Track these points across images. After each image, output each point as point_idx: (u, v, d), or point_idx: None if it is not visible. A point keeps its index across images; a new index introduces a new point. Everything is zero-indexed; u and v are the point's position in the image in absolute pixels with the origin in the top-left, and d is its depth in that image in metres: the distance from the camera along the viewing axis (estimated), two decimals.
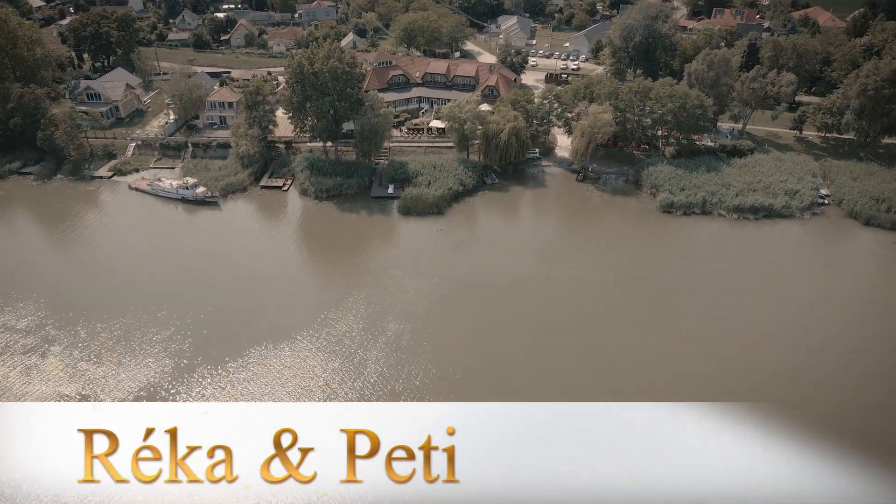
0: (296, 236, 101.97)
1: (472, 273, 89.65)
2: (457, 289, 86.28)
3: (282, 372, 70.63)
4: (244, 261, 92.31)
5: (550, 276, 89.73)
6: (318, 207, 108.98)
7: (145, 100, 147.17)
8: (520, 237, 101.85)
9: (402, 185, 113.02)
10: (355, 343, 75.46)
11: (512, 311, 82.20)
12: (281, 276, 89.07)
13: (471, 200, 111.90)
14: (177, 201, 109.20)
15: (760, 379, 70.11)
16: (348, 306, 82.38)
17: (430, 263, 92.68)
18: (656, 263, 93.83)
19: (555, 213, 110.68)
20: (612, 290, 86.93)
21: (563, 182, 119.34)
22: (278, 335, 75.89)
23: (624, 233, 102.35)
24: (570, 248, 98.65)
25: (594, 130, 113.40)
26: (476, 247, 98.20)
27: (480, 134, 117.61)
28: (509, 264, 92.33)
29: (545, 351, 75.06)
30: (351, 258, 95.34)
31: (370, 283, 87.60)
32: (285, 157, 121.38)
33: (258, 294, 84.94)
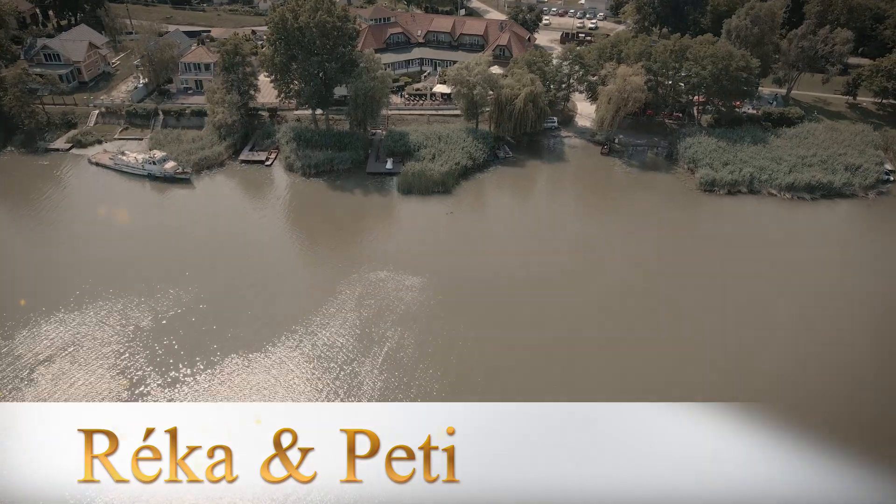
0: (279, 221, 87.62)
1: (482, 265, 75.69)
2: (465, 284, 72.43)
3: (266, 380, 57.83)
4: (218, 251, 78.36)
5: (573, 267, 75.84)
6: (306, 185, 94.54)
7: (114, 61, 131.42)
8: (538, 221, 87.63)
9: (403, 160, 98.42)
10: (346, 357, 62.07)
11: (529, 308, 68.59)
12: (260, 270, 75.16)
13: (481, 177, 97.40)
14: (143, 178, 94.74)
15: (798, 392, 57.20)
16: (339, 308, 68.71)
17: (436, 253, 78.67)
18: (697, 252, 79.76)
19: (577, 192, 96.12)
20: (644, 284, 73.15)
21: (586, 155, 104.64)
22: (254, 345, 62.52)
23: (657, 216, 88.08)
24: (595, 234, 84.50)
25: (623, 96, 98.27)
26: (488, 233, 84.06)
27: (492, 100, 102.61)
28: (526, 253, 78.39)
29: (568, 355, 61.98)
30: (343, 247, 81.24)
31: (365, 278, 73.73)
32: (269, 128, 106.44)
33: (234, 292, 71.26)
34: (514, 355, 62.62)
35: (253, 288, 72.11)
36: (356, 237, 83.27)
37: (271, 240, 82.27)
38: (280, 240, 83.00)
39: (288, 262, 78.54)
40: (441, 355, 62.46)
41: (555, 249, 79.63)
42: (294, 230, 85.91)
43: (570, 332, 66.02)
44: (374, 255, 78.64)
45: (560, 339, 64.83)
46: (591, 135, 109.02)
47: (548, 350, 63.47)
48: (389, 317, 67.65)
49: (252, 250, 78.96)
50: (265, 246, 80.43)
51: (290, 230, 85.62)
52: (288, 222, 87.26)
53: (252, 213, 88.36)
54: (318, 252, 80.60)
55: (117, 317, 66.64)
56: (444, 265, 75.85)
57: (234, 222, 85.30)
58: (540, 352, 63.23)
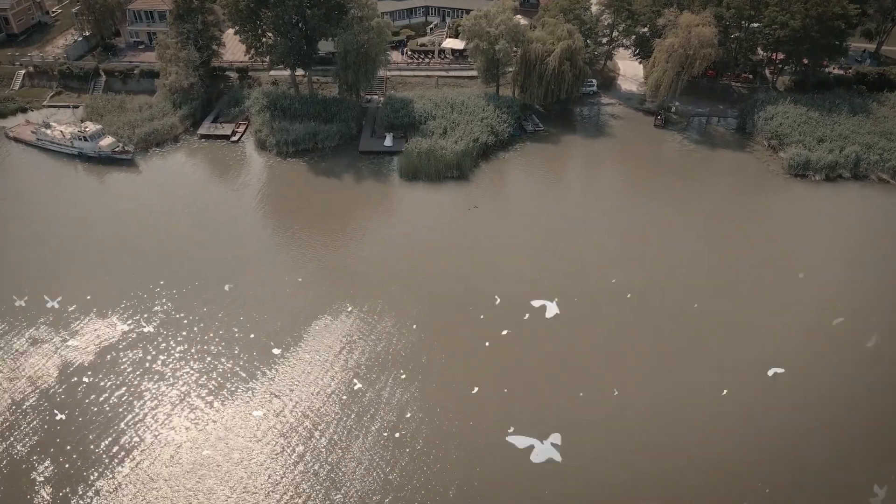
0: (244, 219, 66.67)
1: (518, 290, 55.53)
2: (498, 320, 52.42)
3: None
4: (162, 260, 58.04)
5: (634, 286, 55.73)
6: (282, 169, 73.56)
7: (54, 10, 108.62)
8: (582, 219, 66.86)
9: (405, 135, 77.34)
10: (326, 433, 42.42)
11: (579, 347, 48.75)
12: (211, 300, 55.02)
13: (505, 157, 76.35)
14: (72, 158, 73.82)
15: None
16: (318, 364, 48.82)
17: (451, 267, 58.33)
18: (793, 263, 59.40)
19: (629, 178, 75.03)
20: (734, 311, 53.14)
21: (635, 128, 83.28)
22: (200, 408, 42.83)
23: (738, 213, 67.39)
24: (659, 238, 63.80)
25: (688, 53, 76.57)
26: (520, 237, 63.42)
27: (517, 58, 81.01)
28: (571, 266, 58.13)
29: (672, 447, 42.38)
30: (327, 258, 60.71)
31: (356, 308, 53.68)
32: (237, 93, 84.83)
33: (176, 322, 51.28)
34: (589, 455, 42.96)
35: (200, 329, 52.05)
36: (343, 245, 62.61)
37: (228, 250, 61.55)
38: (241, 249, 62.31)
39: (248, 282, 58.10)
40: (464, 462, 42.82)
41: (608, 261, 59.32)
42: (262, 233, 65.12)
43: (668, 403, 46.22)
44: (368, 270, 58.22)
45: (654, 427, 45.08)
46: (639, 102, 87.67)
47: (651, 449, 43.77)
48: (387, 365, 47.76)
49: (198, 265, 58.58)
50: (218, 260, 59.88)
51: (256, 234, 64.81)
52: (254, 222, 66.30)
53: (209, 210, 67.36)
54: (293, 267, 60.04)
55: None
56: (469, 289, 55.59)
57: (184, 223, 64.52)
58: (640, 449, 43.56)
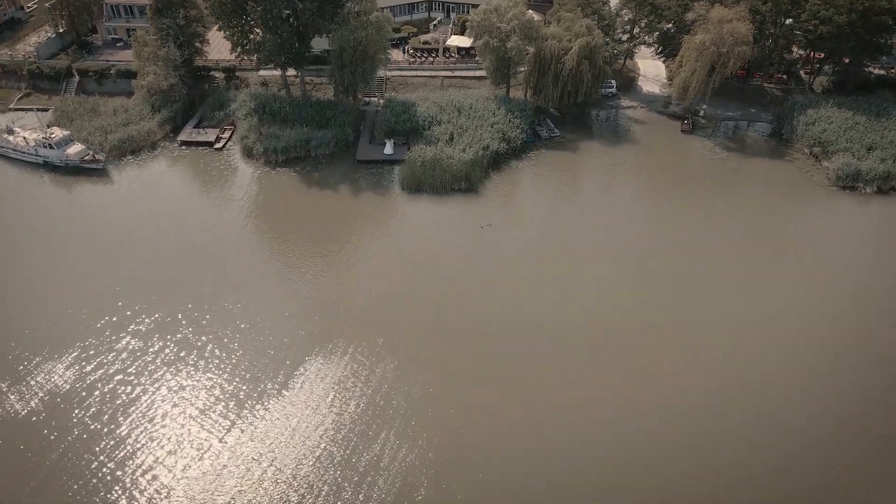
0: (226, 240, 58.91)
1: (530, 315, 48.01)
2: (511, 358, 44.94)
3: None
4: (131, 287, 50.53)
5: (663, 317, 48.25)
6: (271, 180, 66.02)
7: (30, 5, 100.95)
8: (605, 239, 59.17)
9: (407, 142, 69.84)
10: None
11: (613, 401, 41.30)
12: (181, 330, 47.55)
13: (518, 166, 68.81)
14: (37, 168, 66.39)
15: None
16: (308, 403, 41.36)
17: (462, 296, 50.73)
18: (847, 286, 51.87)
19: (656, 190, 66.95)
20: (773, 347, 45.70)
21: (660, 134, 75.70)
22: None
23: (780, 229, 59.89)
24: (695, 260, 56.24)
25: (722, 51, 69.03)
26: (535, 258, 55.86)
27: (530, 57, 73.52)
28: (597, 294, 50.60)
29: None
30: (319, 285, 53.10)
31: (351, 348, 46.21)
32: (222, 95, 77.26)
33: (138, 367, 43.83)
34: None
35: (167, 375, 44.57)
36: (338, 271, 54.90)
37: (205, 278, 53.99)
38: (220, 278, 54.64)
39: (227, 320, 50.46)
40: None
41: (637, 288, 51.79)
42: (243, 260, 57.15)
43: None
44: (367, 304, 50.68)
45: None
46: (662, 104, 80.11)
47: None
48: (385, 427, 40.27)
49: (176, 296, 51.09)
50: (195, 291, 52.35)
51: (237, 260, 56.78)
52: (236, 245, 58.35)
53: (187, 228, 59.76)
54: (279, 300, 52.47)
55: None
56: (483, 323, 48.06)
57: (158, 243, 56.97)
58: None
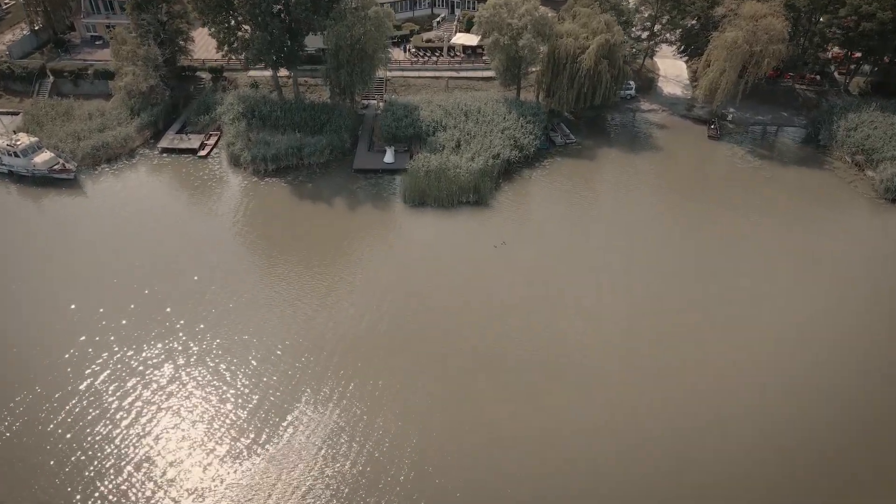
0: (206, 262, 52.62)
1: (552, 353, 41.80)
2: (533, 407, 38.76)
3: None
4: (93, 316, 44.35)
5: (701, 353, 42.08)
6: (259, 192, 59.82)
7: (7, 1, 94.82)
8: (632, 258, 52.89)
9: (410, 149, 63.76)
10: None
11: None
12: (155, 370, 41.37)
13: (531, 176, 62.59)
14: (1, 178, 60.22)
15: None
16: (288, 467, 35.12)
17: (476, 330, 44.49)
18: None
19: (685, 203, 60.46)
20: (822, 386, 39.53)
21: (685, 139, 69.53)
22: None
23: (826, 247, 53.62)
24: (729, 288, 50.00)
25: (756, 49, 62.90)
26: (556, 282, 49.59)
27: (543, 56, 67.39)
28: (626, 329, 44.37)
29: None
30: (310, 318, 46.87)
31: (344, 396, 40.02)
32: (208, 97, 71.08)
33: (99, 413, 37.63)
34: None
35: (130, 424, 38.38)
36: (332, 300, 48.77)
37: (182, 310, 47.85)
38: (199, 309, 48.46)
39: (203, 360, 44.30)
40: None
41: (673, 322, 45.58)
42: (225, 286, 50.95)
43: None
44: (364, 339, 44.46)
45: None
46: (685, 107, 74.08)
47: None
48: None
49: (148, 327, 44.90)
50: (169, 325, 46.18)
51: (218, 286, 50.72)
52: (218, 268, 52.09)
53: (163, 248, 53.49)
54: (260, 333, 46.27)
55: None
56: (499, 363, 41.85)
57: (130, 265, 50.77)
58: None
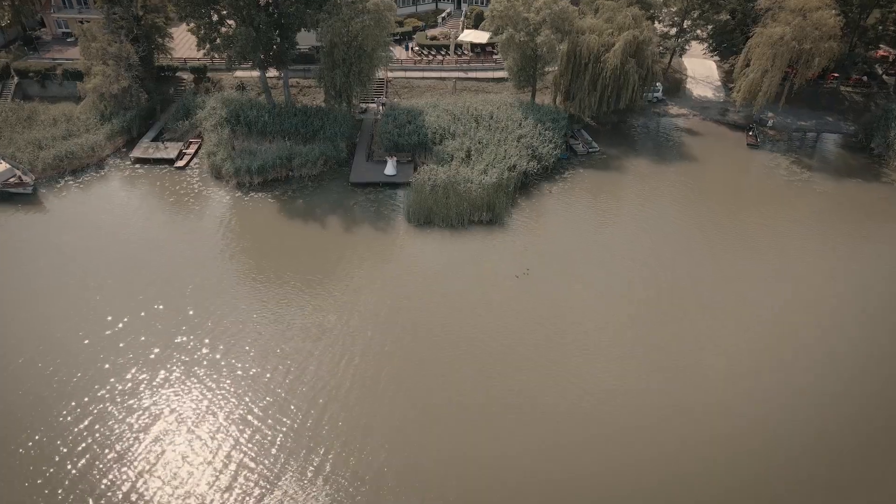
0: (178, 292, 45.40)
1: (582, 405, 34.59)
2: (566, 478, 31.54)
3: None
4: (43, 366, 37.06)
5: (761, 418, 34.86)
6: (242, 209, 52.53)
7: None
8: (672, 290, 45.63)
9: (414, 159, 56.57)
10: None
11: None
12: (118, 427, 34.10)
13: (551, 191, 55.30)
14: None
15: None
16: None
17: (496, 383, 37.23)
18: None
19: (728, 223, 53.15)
20: None
21: (722, 148, 62.34)
22: None
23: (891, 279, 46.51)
24: (787, 328, 42.85)
25: (805, 48, 55.75)
26: (589, 320, 42.30)
27: (563, 54, 60.26)
28: (670, 378, 37.12)
29: None
30: (296, 373, 39.58)
31: (338, 472, 32.75)
32: (188, 99, 63.78)
33: (41, 481, 30.48)
34: None
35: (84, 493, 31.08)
36: (322, 346, 41.55)
37: (149, 355, 40.63)
38: (169, 353, 41.23)
39: (172, 417, 37.07)
40: None
41: (724, 371, 38.34)
42: (198, 327, 43.68)
43: None
44: (360, 397, 37.19)
45: None
46: (719, 112, 67.02)
47: None
48: None
49: (108, 375, 37.62)
50: (132, 377, 38.90)
51: (190, 328, 43.51)
52: (191, 302, 44.96)
53: (129, 276, 46.27)
54: (238, 389, 39.06)
55: None
56: (523, 427, 34.59)
57: (88, 296, 43.55)
58: None
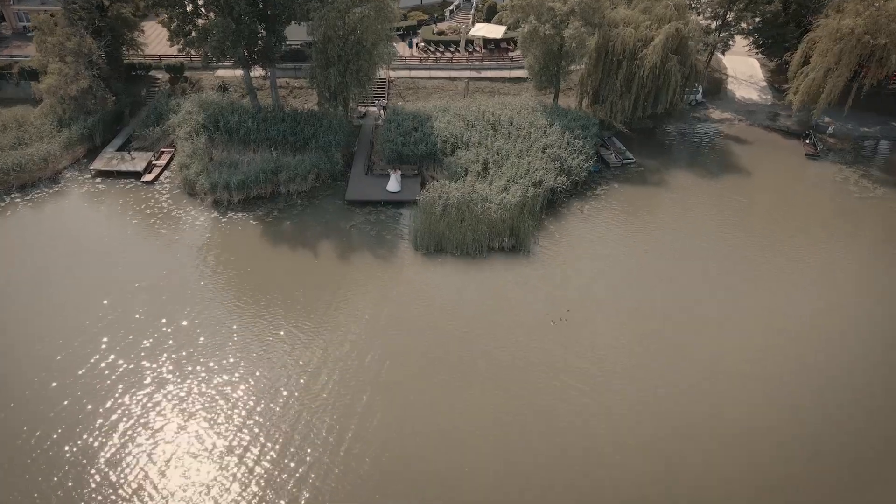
0: (129, 343, 37.15)
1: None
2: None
3: None
4: None
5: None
6: (219, 233, 44.16)
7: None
8: (738, 340, 37.31)
9: (421, 173, 48.29)
10: None
11: None
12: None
13: (583, 211, 46.81)
14: None
15: None
16: None
17: (518, 468, 29.03)
18: None
19: (799, 252, 44.12)
20: None
21: (775, 158, 53.97)
22: None
23: None
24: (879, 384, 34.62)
25: (877, 42, 47.57)
26: (647, 389, 34.01)
27: (593, 49, 52.10)
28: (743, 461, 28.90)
29: None
30: (283, 448, 31.28)
31: None
32: (160, 102, 55.40)
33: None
34: None
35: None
36: (313, 411, 33.26)
37: (97, 430, 32.32)
38: (122, 425, 32.99)
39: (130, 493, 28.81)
40: None
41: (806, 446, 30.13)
42: (158, 387, 35.50)
43: None
44: (356, 487, 28.93)
45: None
46: (768, 116, 58.85)
47: None
48: None
49: (46, 454, 29.41)
50: (76, 455, 30.61)
51: (146, 392, 35.35)
52: (149, 358, 36.65)
53: (78, 320, 38.01)
54: (210, 471, 30.78)
55: None
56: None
57: (33, 339, 35.27)
58: None
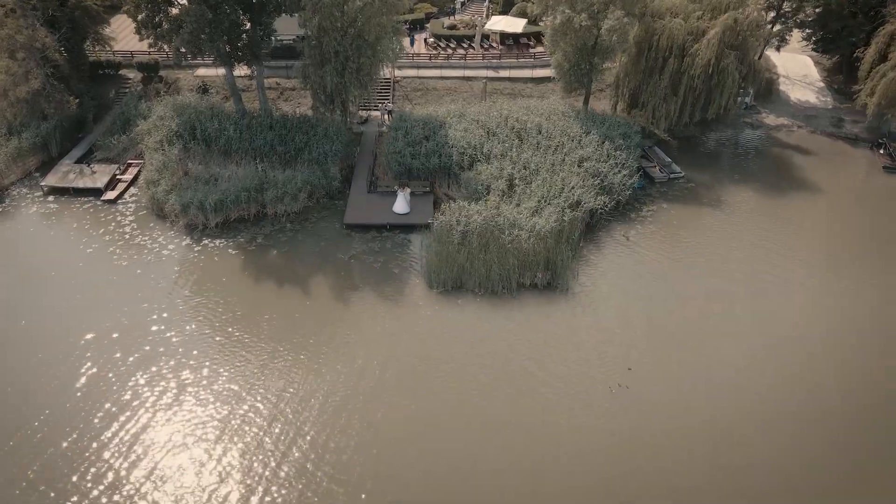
0: (88, 414, 29.55)
1: None
2: None
3: None
4: None
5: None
6: (190, 267, 36.41)
7: None
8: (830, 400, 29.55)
9: (434, 191, 40.61)
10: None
11: None
12: None
13: (628, 237, 39.07)
14: None
15: None
16: None
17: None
18: None
19: (884, 288, 36.88)
20: None
21: (844, 171, 46.34)
22: None
23: None
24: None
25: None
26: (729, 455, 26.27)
27: (632, 44, 44.59)
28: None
29: None
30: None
31: None
32: (128, 107, 47.76)
33: None
34: None
35: None
36: (306, 493, 25.64)
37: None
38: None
39: None
40: None
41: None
42: (117, 466, 27.97)
43: None
44: None
45: None
46: (831, 122, 51.17)
47: None
48: None
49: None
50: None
51: (89, 479, 27.80)
52: (106, 427, 29.15)
53: (21, 380, 30.37)
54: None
55: None
56: None
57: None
58: None
